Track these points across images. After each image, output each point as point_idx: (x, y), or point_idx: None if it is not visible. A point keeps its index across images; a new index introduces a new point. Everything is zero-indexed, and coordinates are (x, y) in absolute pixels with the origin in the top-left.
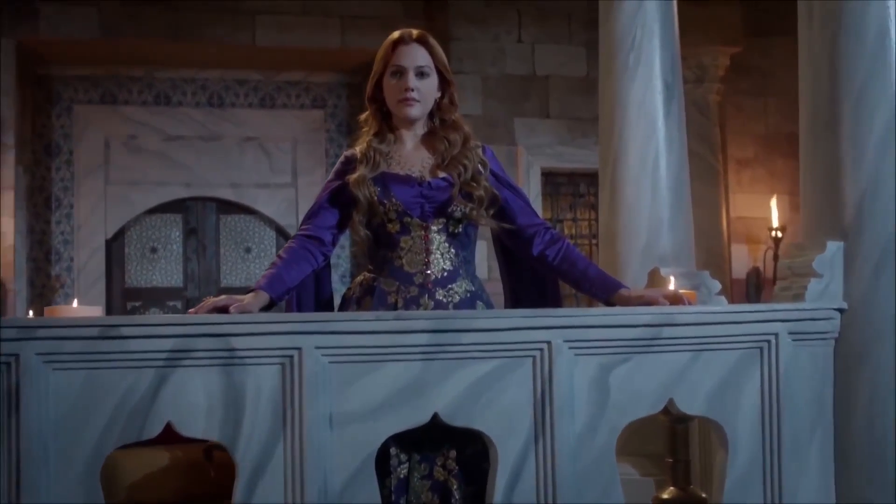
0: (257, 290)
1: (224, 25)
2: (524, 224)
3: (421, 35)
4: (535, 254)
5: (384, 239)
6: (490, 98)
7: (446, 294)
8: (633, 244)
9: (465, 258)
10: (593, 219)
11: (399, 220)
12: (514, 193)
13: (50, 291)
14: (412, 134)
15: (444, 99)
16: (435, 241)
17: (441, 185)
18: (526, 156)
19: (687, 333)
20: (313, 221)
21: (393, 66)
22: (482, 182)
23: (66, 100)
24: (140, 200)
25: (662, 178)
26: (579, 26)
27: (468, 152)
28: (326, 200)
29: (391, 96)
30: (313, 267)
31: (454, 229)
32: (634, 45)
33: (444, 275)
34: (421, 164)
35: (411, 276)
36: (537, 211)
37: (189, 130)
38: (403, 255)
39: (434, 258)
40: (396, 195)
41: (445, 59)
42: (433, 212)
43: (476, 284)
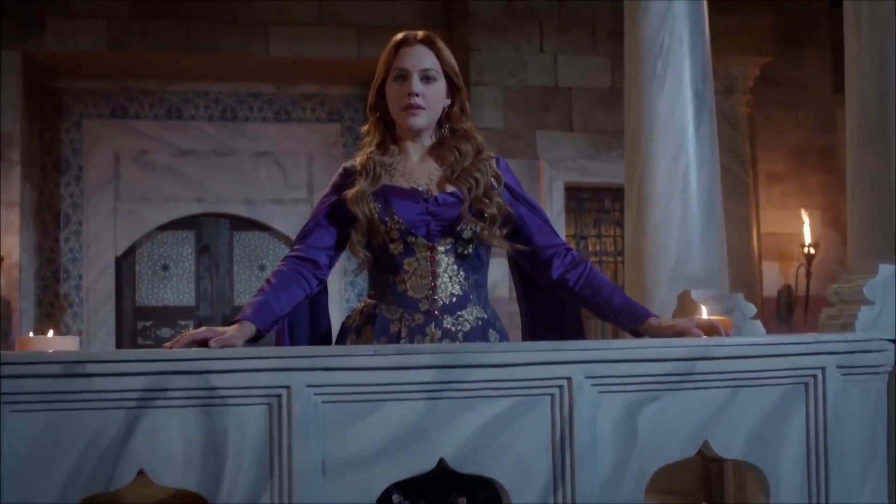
0: (241, 321)
1: (237, 36)
2: (542, 245)
3: (427, 36)
4: (555, 278)
5: (386, 261)
6: (511, 110)
7: (455, 322)
8: (662, 265)
9: (477, 282)
10: (618, 235)
11: (402, 240)
12: (531, 210)
13: (58, 311)
14: (418, 145)
15: (454, 107)
16: (442, 263)
17: (449, 201)
18: (548, 170)
19: (723, 368)
20: (307, 241)
21: (395, 70)
22: (495, 198)
23: (75, 114)
24: (151, 217)
25: (693, 194)
26: (603, 36)
27: (480, 164)
28: (322, 217)
29: (394, 103)
30: (306, 293)
31: (464, 250)
32: (662, 52)
33: (453, 301)
34: (427, 178)
35: (416, 302)
36: (559, 228)
37: (201, 145)
38: (407, 278)
39: (441, 282)
40: (399, 212)
41: (454, 63)
42: (440, 231)
43: (488, 311)
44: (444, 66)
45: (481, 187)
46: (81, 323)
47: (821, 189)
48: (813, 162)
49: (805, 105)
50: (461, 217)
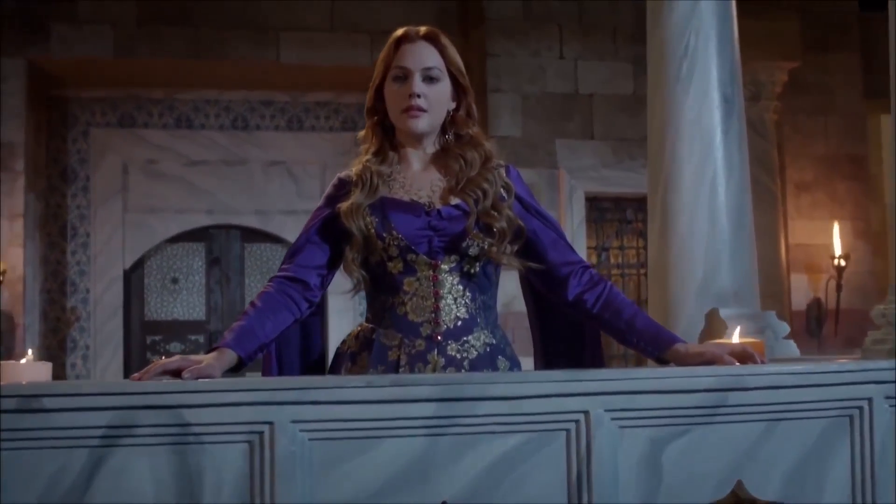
0: (220, 349)
1: (247, 43)
2: (557, 262)
3: (430, 32)
4: (571, 299)
5: (384, 281)
6: (530, 118)
7: (460, 349)
8: (688, 281)
9: (485, 304)
10: (641, 247)
11: (402, 258)
12: (545, 224)
13: (65, 325)
14: (420, 152)
15: (460, 110)
16: (446, 283)
17: (454, 215)
18: (568, 179)
19: (759, 399)
20: (296, 260)
21: (395, 69)
22: (504, 211)
23: (82, 123)
24: (160, 228)
25: (721, 205)
26: (625, 41)
27: (488, 174)
28: (314, 233)
29: (393, 105)
30: (295, 317)
31: (470, 269)
32: (688, 53)
33: (458, 325)
34: (430, 189)
35: (417, 326)
36: (579, 240)
37: (212, 154)
38: (407, 300)
39: (445, 304)
40: (398, 227)
41: (460, 61)
42: (444, 247)
43: (497, 336)
44: (448, 64)
45: (489, 199)
46: (88, 338)
47: (851, 198)
48: (843, 170)
49: (834, 112)
50: (467, 232)
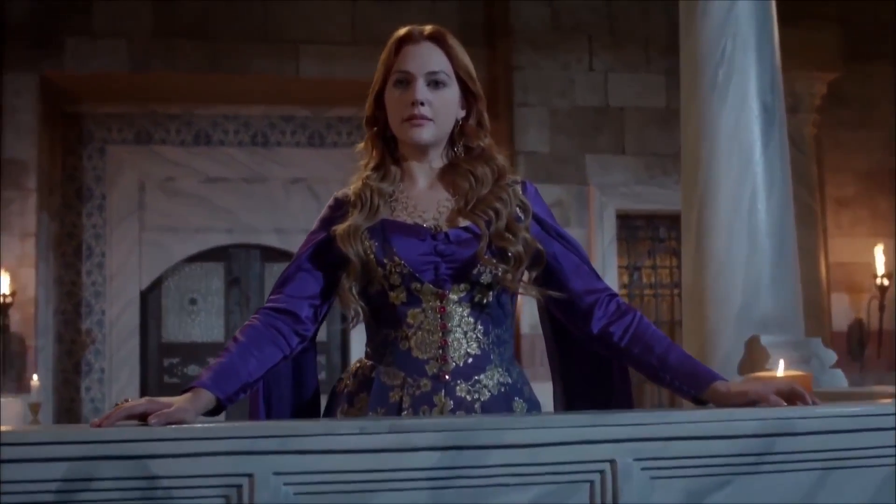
0: (195, 389)
1: (266, 57)
2: (580, 290)
3: (435, 31)
4: (596, 332)
5: (385, 313)
6: (559, 133)
7: (471, 389)
8: (726, 306)
9: (499, 338)
10: (675, 266)
11: (405, 287)
12: (567, 247)
13: (80, 347)
14: (425, 167)
15: (470, 119)
16: (455, 315)
17: (463, 238)
18: (599, 196)
19: (810, 445)
20: (286, 289)
21: (396, 73)
22: (520, 233)
23: (98, 140)
24: (178, 248)
25: (761, 223)
26: (657, 52)
27: (501, 192)
28: (305, 260)
29: (394, 114)
30: (284, 353)
31: (482, 299)
32: (724, 59)
33: (469, 362)
34: (436, 209)
35: (422, 364)
36: (610, 259)
37: (231, 172)
38: (411, 335)
39: (454, 339)
40: (400, 252)
41: (470, 64)
42: (452, 275)
43: (513, 374)
44: (456, 67)
45: (503, 220)
46: (104, 360)
47: (894, 215)
48: (885, 186)
49: (876, 125)
50: (478, 257)
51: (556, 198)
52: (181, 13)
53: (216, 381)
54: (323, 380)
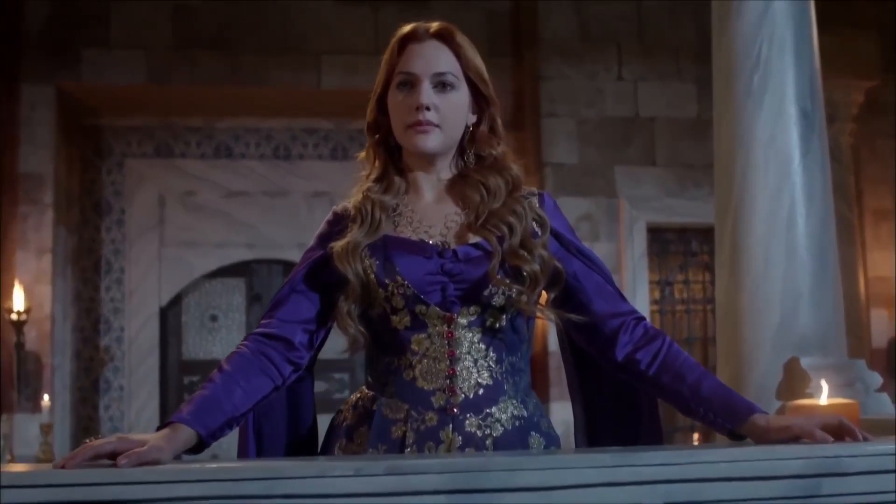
0: (173, 424)
1: (286, 68)
2: (603, 313)
3: (443, 29)
4: (621, 359)
5: (388, 339)
6: (587, 144)
7: (481, 424)
8: (763, 325)
9: (513, 366)
10: (708, 281)
11: (409, 310)
12: (588, 266)
13: (98, 365)
14: (432, 178)
15: (481, 125)
16: (464, 341)
17: (473, 256)
18: (629, 209)
19: (861, 487)
20: (278, 313)
21: (400, 75)
22: (537, 250)
23: (117, 153)
24: (198, 263)
25: (800, 237)
26: (689, 61)
27: (516, 204)
28: (300, 280)
29: (398, 119)
30: (275, 383)
31: (494, 322)
32: (760, 62)
33: (479, 393)
34: (444, 224)
35: (428, 395)
36: (640, 273)
37: (252, 185)
38: (416, 363)
39: (463, 368)
40: (404, 271)
41: (481, 65)
42: (461, 296)
43: (530, 406)
44: (465, 68)
45: (517, 236)
46: (122, 378)
47: None
48: None
49: None
50: (489, 277)
51: (584, 211)
52: (200, 24)
53: (197, 416)
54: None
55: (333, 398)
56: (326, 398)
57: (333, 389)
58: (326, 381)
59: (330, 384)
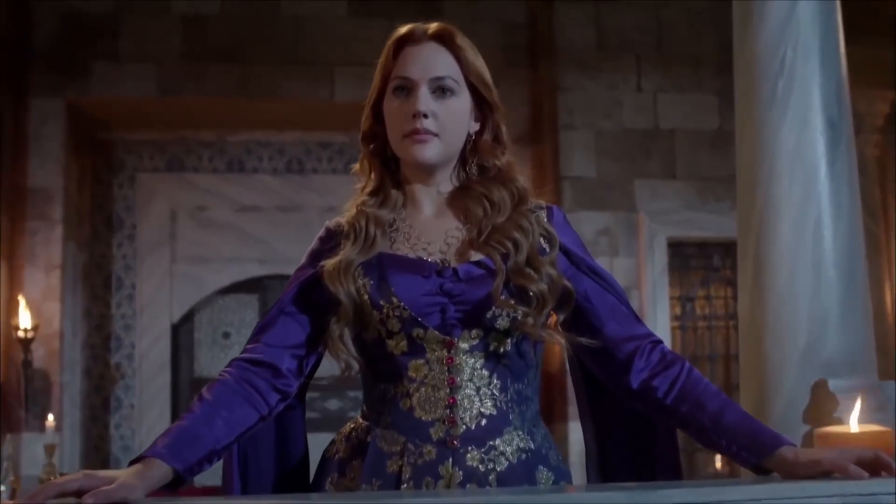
0: (147, 459)
1: (299, 80)
2: (616, 336)
3: (442, 30)
4: (636, 386)
5: (383, 365)
6: (605, 157)
7: (484, 458)
8: (789, 345)
9: (519, 394)
10: (730, 296)
11: (405, 334)
12: (601, 285)
13: (108, 382)
14: (431, 191)
15: (485, 133)
16: (465, 367)
17: (475, 275)
18: (648, 223)
19: None
20: (264, 337)
21: (395, 79)
22: (544, 268)
23: (128, 168)
24: (210, 279)
25: (828, 252)
26: (709, 71)
27: (522, 219)
28: (289, 302)
29: (394, 128)
30: (261, 413)
31: (498, 347)
32: (784, 69)
33: (482, 424)
34: (444, 240)
35: (426, 426)
36: (661, 290)
37: (265, 200)
38: (413, 391)
39: (464, 397)
40: (400, 292)
41: (483, 68)
42: (462, 319)
43: (537, 438)
44: (466, 72)
45: (522, 253)
46: (133, 396)
47: None
48: None
49: None
50: (493, 298)
51: (603, 226)
52: (211, 36)
53: (173, 449)
54: None
55: (348, 416)
56: (340, 416)
57: (348, 407)
58: (341, 398)
59: (344, 402)
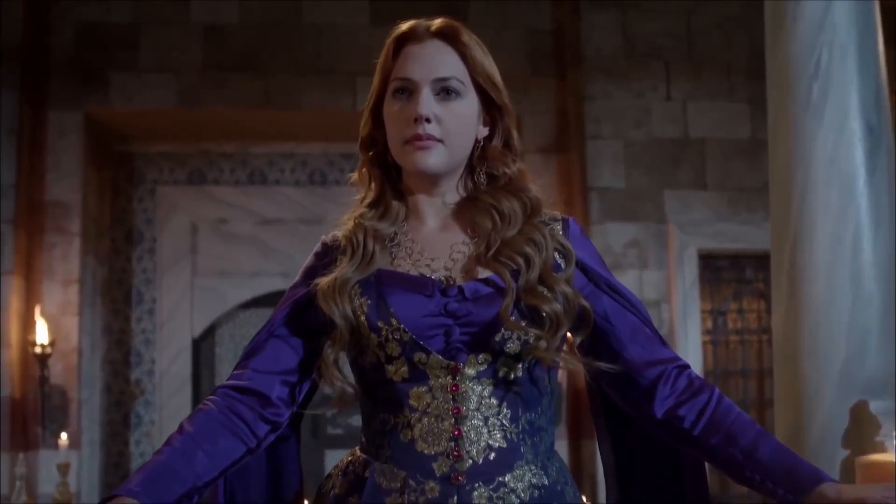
0: (117, 498)
1: (321, 91)
2: (639, 360)
3: (446, 26)
4: (660, 415)
5: (382, 392)
6: (634, 167)
7: (493, 495)
8: (826, 364)
9: (532, 424)
10: (763, 309)
11: (406, 359)
12: (622, 303)
13: (129, 398)
14: (435, 202)
15: (494, 139)
16: (472, 396)
17: (483, 293)
18: (679, 235)
19: None
20: (252, 362)
21: (395, 81)
22: (559, 286)
23: (148, 180)
24: (232, 293)
25: (867, 266)
26: (741, 79)
27: (535, 232)
28: (280, 323)
29: (393, 133)
30: (248, 445)
31: (508, 373)
32: (820, 71)
33: (491, 458)
34: (449, 256)
35: (429, 461)
36: (692, 303)
37: (287, 212)
38: (415, 422)
39: (470, 428)
40: (400, 313)
41: (492, 68)
42: (468, 342)
43: (552, 472)
44: (473, 72)
45: (535, 269)
46: (154, 412)
47: None
48: None
49: None
50: (501, 319)
51: (631, 237)
52: (231, 46)
53: (148, 486)
54: None
55: None
56: (357, 435)
57: None
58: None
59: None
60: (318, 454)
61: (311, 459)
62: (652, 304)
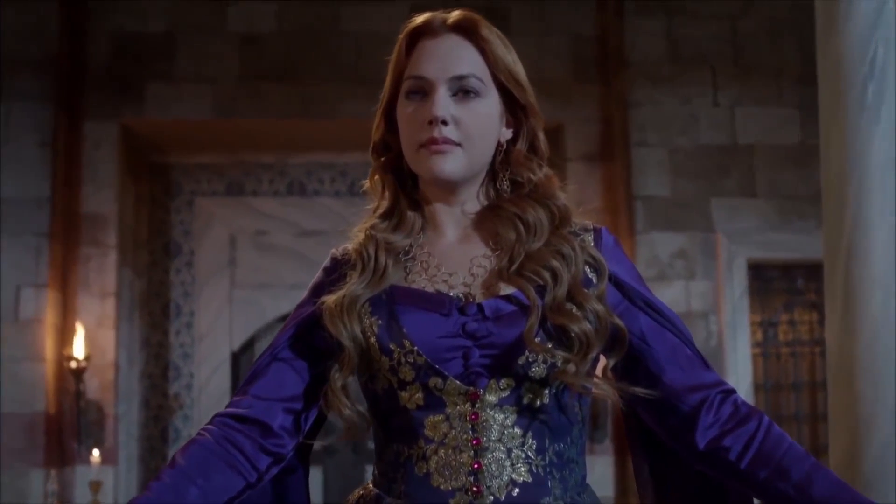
0: None
1: (359, 100)
2: (679, 385)
3: (464, 19)
4: (703, 446)
5: (396, 421)
6: (680, 175)
7: None
8: (885, 382)
9: (560, 456)
10: (816, 321)
11: (421, 385)
12: (660, 322)
13: (167, 413)
14: (454, 211)
15: (519, 142)
16: (493, 425)
17: (505, 312)
18: (727, 245)
19: None
20: (252, 388)
21: (409, 80)
22: (590, 303)
23: (186, 192)
24: (271, 306)
25: None
26: (790, 83)
27: (563, 244)
28: (284, 346)
29: (407, 136)
30: (248, 479)
31: (534, 400)
32: (875, 71)
33: (515, 494)
34: (469, 271)
35: (446, 496)
36: (741, 315)
37: (327, 224)
38: (431, 453)
39: (492, 461)
40: (413, 334)
41: (517, 65)
42: (489, 366)
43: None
44: (495, 69)
45: (562, 285)
46: (192, 427)
47: None
48: None
49: None
50: (525, 341)
51: (678, 247)
52: (269, 55)
53: None
54: None
55: None
56: None
57: None
58: None
59: None
60: (359, 470)
61: (351, 475)
62: (699, 316)
